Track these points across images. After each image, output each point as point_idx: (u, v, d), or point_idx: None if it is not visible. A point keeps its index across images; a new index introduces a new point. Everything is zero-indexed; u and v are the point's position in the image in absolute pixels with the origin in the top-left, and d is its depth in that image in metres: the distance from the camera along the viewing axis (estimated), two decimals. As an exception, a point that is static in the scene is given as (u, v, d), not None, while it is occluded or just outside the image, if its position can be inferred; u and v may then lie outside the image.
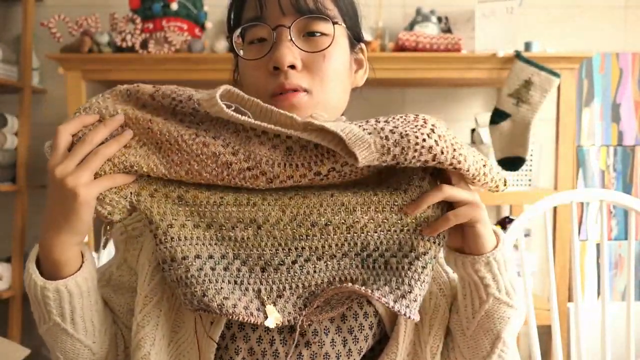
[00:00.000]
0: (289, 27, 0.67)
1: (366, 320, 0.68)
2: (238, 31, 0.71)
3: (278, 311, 0.62)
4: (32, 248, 0.67)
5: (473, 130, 1.95)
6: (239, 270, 0.63)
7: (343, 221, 0.63)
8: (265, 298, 0.63)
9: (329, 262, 0.64)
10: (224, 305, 0.60)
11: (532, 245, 2.02)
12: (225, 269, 0.63)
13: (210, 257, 0.63)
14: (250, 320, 0.60)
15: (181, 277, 0.61)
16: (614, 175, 2.12)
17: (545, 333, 1.83)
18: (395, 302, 0.60)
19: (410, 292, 0.61)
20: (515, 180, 1.83)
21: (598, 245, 2.12)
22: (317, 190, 0.65)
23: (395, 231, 0.64)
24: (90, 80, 1.76)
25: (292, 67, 0.66)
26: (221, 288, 0.61)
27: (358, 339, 0.67)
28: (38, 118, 2.00)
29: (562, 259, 1.74)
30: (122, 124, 0.63)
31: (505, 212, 2.10)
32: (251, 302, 0.62)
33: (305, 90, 0.67)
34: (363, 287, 0.62)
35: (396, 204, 0.64)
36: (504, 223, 1.89)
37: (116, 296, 0.73)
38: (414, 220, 0.64)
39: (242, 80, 0.72)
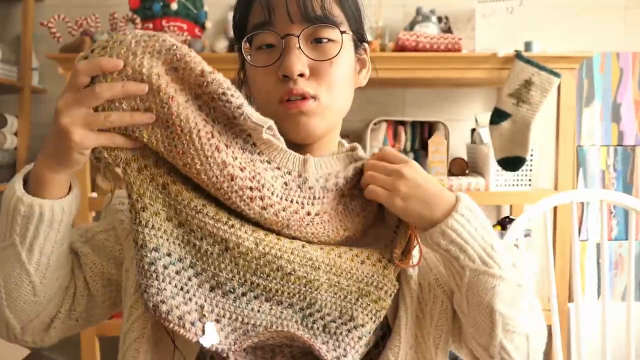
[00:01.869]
0: (298, 36, 0.67)
1: None
2: (245, 38, 0.71)
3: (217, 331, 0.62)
4: None
5: (473, 130, 1.95)
6: (189, 279, 0.62)
7: (305, 275, 0.64)
8: (207, 315, 0.62)
9: (274, 307, 0.63)
10: (159, 307, 0.59)
11: (532, 245, 2.02)
12: (177, 272, 0.62)
13: (168, 254, 0.61)
14: (180, 332, 0.60)
15: (137, 265, 0.61)
16: (614, 175, 2.11)
17: (545, 333, 1.83)
18: None
19: (344, 356, 0.63)
20: (515, 180, 1.83)
21: (598, 245, 2.12)
22: (292, 238, 0.66)
23: (340, 297, 0.65)
24: (90, 80, 1.76)
25: (301, 75, 0.67)
26: (164, 289, 0.60)
27: None
28: (38, 118, 1.99)
29: (562, 259, 1.74)
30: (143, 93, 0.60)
31: (505, 212, 2.10)
32: (189, 313, 0.61)
33: (313, 97, 0.68)
34: (305, 335, 0.63)
35: (351, 271, 0.66)
36: (504, 223, 1.89)
37: (93, 255, 0.73)
38: (357, 291, 0.65)
39: (251, 85, 0.73)
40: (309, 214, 0.66)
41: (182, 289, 0.61)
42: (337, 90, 0.70)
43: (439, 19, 1.89)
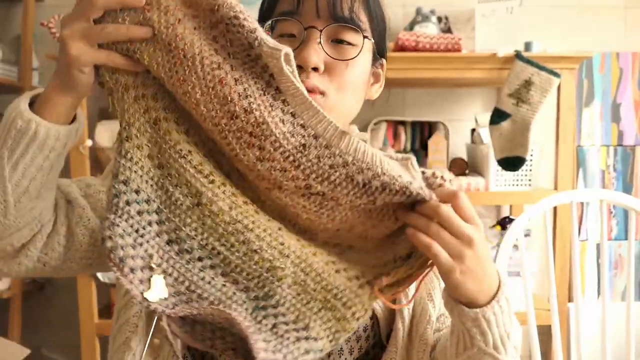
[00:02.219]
0: (321, 31, 0.67)
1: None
2: (269, 22, 0.71)
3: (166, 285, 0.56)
4: None
5: (473, 130, 1.95)
6: (149, 224, 0.58)
7: (271, 258, 0.58)
8: (154, 267, 0.57)
9: (227, 285, 0.58)
10: (106, 241, 0.55)
11: (532, 245, 2.02)
12: (139, 213, 0.58)
13: (136, 192, 0.58)
14: (117, 275, 0.55)
15: (107, 196, 0.58)
16: (614, 175, 2.11)
17: (545, 333, 1.83)
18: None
19: None
20: (515, 180, 1.83)
21: (598, 245, 2.12)
22: (270, 215, 0.60)
23: (302, 300, 0.58)
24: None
25: (315, 69, 0.67)
26: (117, 224, 0.56)
27: (350, 338, 0.68)
28: (38, 118, 1.99)
29: (562, 259, 1.74)
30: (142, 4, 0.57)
31: (505, 212, 2.10)
32: (133, 258, 0.56)
33: (322, 93, 0.68)
34: (245, 323, 0.56)
35: (322, 275, 0.59)
36: (504, 223, 1.89)
37: (90, 211, 0.71)
38: (322, 301, 0.58)
39: None
40: (308, 187, 0.58)
41: (137, 231, 0.57)
42: (347, 93, 0.70)
43: (439, 19, 1.89)
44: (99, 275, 1.65)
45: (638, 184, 2.12)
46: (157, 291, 0.56)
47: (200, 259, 0.58)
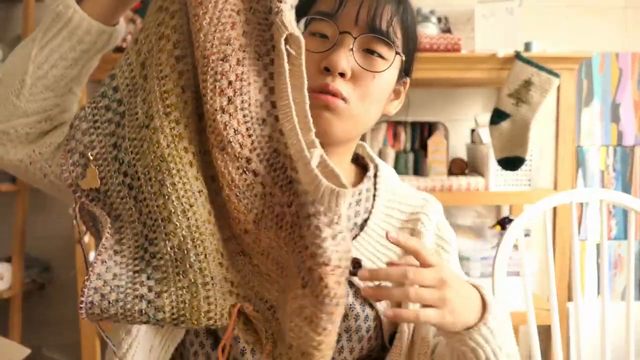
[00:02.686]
0: (355, 38, 0.68)
1: (366, 322, 0.68)
2: (305, 19, 0.71)
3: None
4: (32, 249, 0.66)
5: (473, 130, 1.96)
6: (109, 122, 0.62)
7: (172, 210, 0.57)
8: (91, 158, 0.60)
9: (133, 209, 0.59)
10: (70, 126, 0.60)
11: (532, 245, 2.02)
12: (106, 107, 0.62)
13: (115, 89, 0.62)
14: (62, 170, 0.60)
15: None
16: (613, 175, 2.12)
17: (545, 333, 1.83)
18: None
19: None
20: (515, 180, 1.83)
21: (598, 245, 2.12)
22: (208, 177, 0.60)
23: (175, 266, 0.57)
24: (90, 80, 1.75)
25: (342, 74, 0.67)
26: (85, 108, 0.61)
27: (352, 338, 0.68)
28: (38, 118, 1.99)
29: (562, 259, 1.74)
30: None
31: (505, 212, 2.10)
32: (79, 143, 0.61)
33: (344, 99, 0.68)
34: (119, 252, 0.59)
35: (208, 258, 0.58)
36: (503, 223, 1.89)
37: None
38: (189, 280, 0.57)
39: None
40: (248, 161, 0.57)
41: (95, 121, 0.61)
42: (369, 104, 0.70)
43: (439, 19, 1.89)
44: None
45: (637, 183, 2.12)
46: (89, 181, 0.60)
47: (125, 174, 0.60)
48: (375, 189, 0.77)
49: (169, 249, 0.57)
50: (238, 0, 0.58)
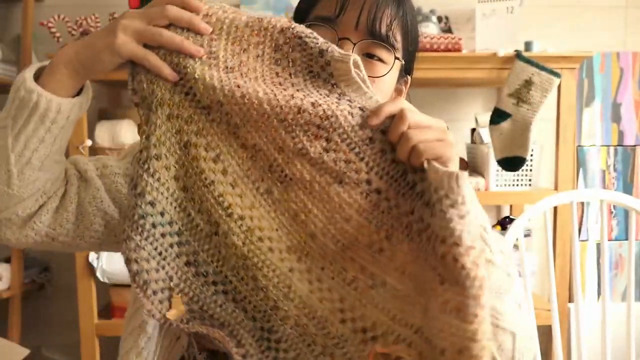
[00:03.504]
0: (355, 44, 0.67)
1: None
2: (305, 24, 0.70)
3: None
4: (32, 249, 0.66)
5: (473, 130, 1.95)
6: (171, 246, 0.60)
7: (275, 299, 0.59)
8: (173, 287, 0.59)
9: (237, 311, 0.60)
10: (131, 264, 0.57)
11: (532, 245, 2.02)
12: (162, 235, 0.59)
13: (161, 214, 0.59)
14: (140, 295, 0.57)
15: (128, 209, 0.59)
16: (614, 175, 2.11)
17: (545, 333, 1.83)
18: None
19: None
20: (515, 180, 1.83)
21: (598, 245, 2.12)
22: (285, 253, 0.60)
23: (303, 341, 0.60)
24: (89, 80, 1.76)
25: None
26: (143, 247, 0.58)
27: None
28: (38, 118, 1.99)
29: (563, 259, 1.74)
30: (208, 32, 0.60)
31: (505, 212, 2.10)
32: (156, 282, 0.58)
33: None
34: (249, 350, 0.59)
35: (325, 323, 0.59)
36: (504, 223, 1.89)
37: (104, 192, 0.70)
38: (322, 345, 0.59)
39: None
40: (369, 182, 0.57)
41: (160, 253, 0.59)
42: None
43: (439, 19, 1.89)
44: (99, 275, 1.65)
45: (638, 184, 2.12)
46: (176, 311, 0.59)
47: (214, 283, 0.61)
48: None
49: (289, 329, 0.60)
50: (274, 77, 0.60)
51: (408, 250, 0.57)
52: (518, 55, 1.67)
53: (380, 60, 0.69)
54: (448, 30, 1.93)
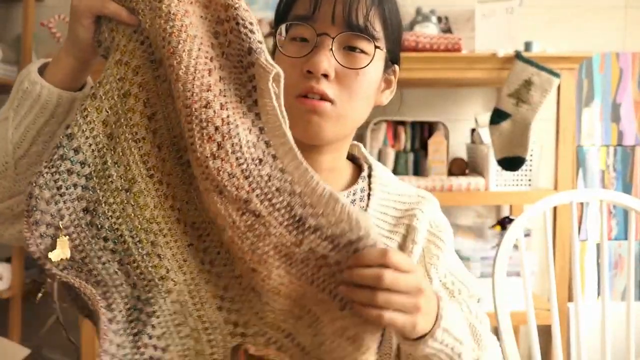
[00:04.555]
0: (333, 38, 0.67)
1: None
2: (284, 26, 0.71)
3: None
4: None
5: (473, 130, 1.95)
6: (74, 186, 0.58)
7: (169, 268, 0.58)
8: (62, 228, 0.57)
9: (119, 273, 0.58)
10: (29, 190, 0.56)
11: (532, 245, 2.02)
12: (69, 171, 0.57)
13: (75, 150, 0.58)
14: (24, 227, 0.56)
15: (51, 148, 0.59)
16: (614, 175, 2.12)
17: (545, 333, 1.83)
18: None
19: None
20: (515, 180, 1.83)
21: (598, 245, 2.12)
22: (204, 223, 0.59)
23: (174, 320, 0.59)
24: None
25: (325, 75, 0.67)
26: (43, 174, 0.56)
27: None
28: (38, 118, 1.99)
29: (562, 259, 1.74)
30: None
31: (505, 212, 2.10)
32: (44, 212, 0.56)
33: (331, 101, 0.68)
34: (113, 327, 0.58)
35: (205, 305, 0.59)
36: (504, 223, 1.89)
37: None
38: (191, 328, 0.58)
39: None
40: (247, 202, 0.56)
41: (59, 188, 0.57)
42: (356, 101, 0.70)
43: (439, 19, 1.89)
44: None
45: (638, 184, 2.12)
46: (60, 252, 0.56)
47: (105, 239, 0.58)
48: (369, 188, 0.77)
49: (167, 305, 0.58)
50: (209, 48, 0.58)
51: (286, 275, 0.57)
52: (518, 55, 1.67)
53: (362, 51, 0.69)
54: (448, 30, 1.93)
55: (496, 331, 1.15)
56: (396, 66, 0.78)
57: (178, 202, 0.59)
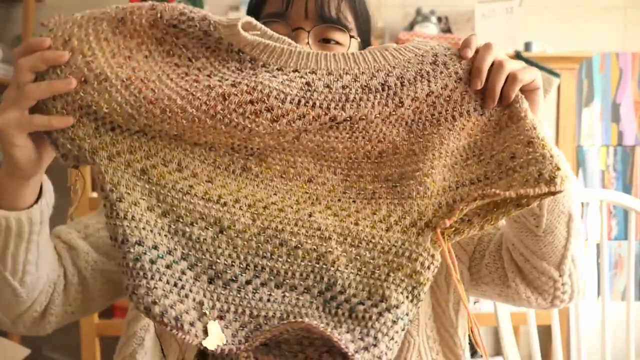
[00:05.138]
0: (309, 32, 0.69)
1: None
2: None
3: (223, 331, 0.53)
4: None
5: (473, 130, 1.95)
6: (183, 273, 0.55)
7: (314, 247, 0.55)
8: (208, 312, 0.54)
9: (287, 294, 0.55)
10: (151, 309, 0.52)
11: (532, 245, 2.02)
12: (168, 266, 0.54)
13: (155, 247, 0.54)
14: (178, 335, 0.52)
15: (120, 262, 0.54)
16: (614, 175, 2.11)
17: (545, 333, 1.83)
18: (356, 352, 0.52)
19: (375, 345, 0.52)
20: (515, 180, 1.83)
21: (598, 245, 2.12)
22: (296, 204, 0.58)
23: (366, 273, 0.56)
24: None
25: None
26: (154, 287, 0.52)
27: None
28: (38, 118, 1.99)
29: (562, 259, 1.74)
30: (67, 62, 0.55)
31: (505, 212, 2.10)
32: (187, 313, 0.53)
33: None
34: (321, 325, 0.52)
35: (373, 240, 0.56)
36: (504, 223, 1.89)
37: (94, 252, 0.71)
38: (385, 264, 0.56)
39: None
40: (333, 119, 0.56)
41: (175, 285, 0.54)
42: None
43: (439, 19, 1.89)
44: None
45: (638, 184, 2.12)
46: (214, 338, 0.53)
47: (248, 282, 0.56)
48: None
49: (346, 271, 0.56)
50: (177, 69, 0.57)
51: (408, 134, 0.59)
52: (518, 55, 1.67)
53: (337, 43, 0.71)
54: (448, 30, 1.93)
55: (496, 331, 1.15)
56: None
57: (267, 199, 0.58)
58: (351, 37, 0.71)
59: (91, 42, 0.56)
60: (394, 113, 0.57)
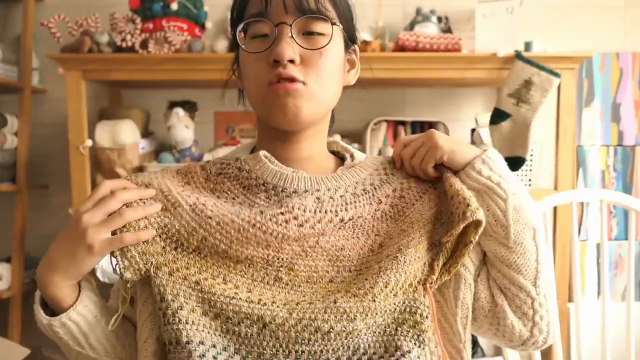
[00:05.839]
0: (291, 25, 0.71)
1: None
2: (241, 25, 0.74)
3: None
4: (32, 249, 0.68)
5: (473, 130, 1.95)
6: None
7: (344, 329, 0.66)
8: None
9: None
10: None
11: (532, 245, 2.02)
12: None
13: (214, 346, 0.65)
14: None
15: None
16: (614, 175, 2.11)
17: (545, 333, 1.83)
18: None
19: None
20: (515, 180, 1.83)
21: (598, 245, 2.12)
22: (322, 297, 0.68)
23: (381, 333, 0.67)
24: (90, 80, 1.76)
25: (291, 61, 0.70)
26: None
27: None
28: (38, 118, 1.99)
29: (562, 259, 1.74)
30: (153, 196, 0.72)
31: (505, 212, 2.09)
32: None
33: (302, 82, 0.71)
34: None
35: (388, 309, 0.68)
36: (504, 223, 1.89)
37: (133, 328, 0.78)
38: (394, 322, 0.68)
39: (243, 72, 0.77)
40: (342, 220, 0.73)
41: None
42: (325, 80, 0.73)
43: (439, 19, 1.89)
44: (99, 275, 1.66)
45: (638, 184, 2.12)
46: None
47: None
48: None
49: (366, 336, 0.67)
50: (215, 193, 0.77)
51: (395, 227, 0.76)
52: (518, 55, 1.67)
53: (320, 34, 0.72)
54: (448, 30, 1.93)
55: (496, 331, 1.15)
56: (356, 46, 0.81)
57: (297, 300, 0.68)
58: (333, 24, 0.73)
59: (166, 182, 0.75)
60: (377, 209, 0.75)
